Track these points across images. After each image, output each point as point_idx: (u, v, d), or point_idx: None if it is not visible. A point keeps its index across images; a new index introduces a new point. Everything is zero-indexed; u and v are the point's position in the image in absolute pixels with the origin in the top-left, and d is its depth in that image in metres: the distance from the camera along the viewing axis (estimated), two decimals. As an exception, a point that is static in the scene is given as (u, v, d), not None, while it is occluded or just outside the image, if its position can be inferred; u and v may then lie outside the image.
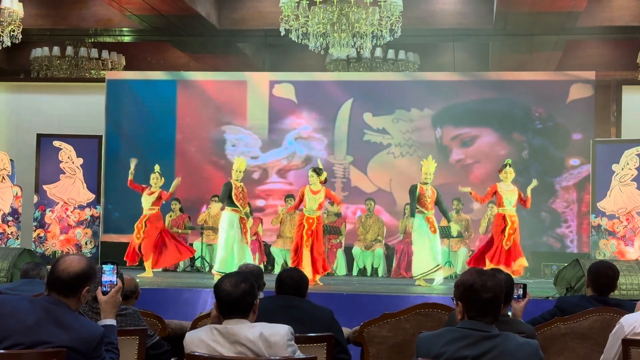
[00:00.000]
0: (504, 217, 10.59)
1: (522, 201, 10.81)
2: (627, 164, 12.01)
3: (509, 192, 10.68)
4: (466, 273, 3.39)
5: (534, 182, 11.10)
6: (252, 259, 10.93)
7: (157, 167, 11.56)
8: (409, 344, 4.80)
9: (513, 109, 14.20)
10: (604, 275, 5.17)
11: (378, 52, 14.90)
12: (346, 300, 8.64)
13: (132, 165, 11.56)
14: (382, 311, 5.14)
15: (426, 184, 10.74)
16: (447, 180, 13.69)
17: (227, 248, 10.56)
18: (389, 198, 14.23)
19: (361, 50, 12.51)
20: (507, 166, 10.78)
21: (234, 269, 9.88)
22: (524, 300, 4.55)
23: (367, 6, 10.53)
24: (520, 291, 4.54)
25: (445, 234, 12.32)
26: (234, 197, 10.64)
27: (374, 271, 13.07)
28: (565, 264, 9.56)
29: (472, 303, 3.28)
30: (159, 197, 11.40)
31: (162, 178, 11.47)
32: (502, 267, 9.72)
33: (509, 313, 4.41)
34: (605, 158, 12.23)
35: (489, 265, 10.15)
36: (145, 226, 11.32)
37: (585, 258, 10.55)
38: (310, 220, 10.51)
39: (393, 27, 10.63)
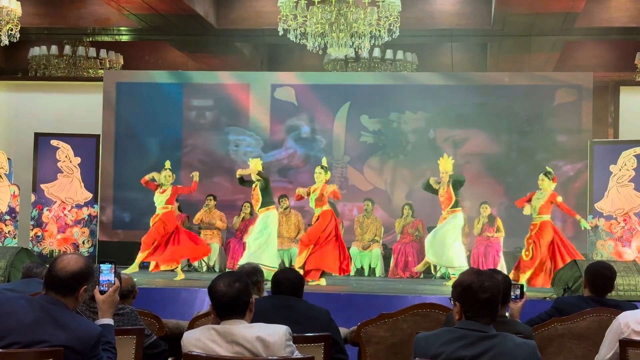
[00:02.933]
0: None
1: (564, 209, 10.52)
2: (625, 164, 12.02)
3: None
4: (464, 273, 3.39)
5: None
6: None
7: (167, 164, 11.18)
8: (406, 344, 4.80)
9: (503, 112, 14.39)
10: (602, 275, 5.17)
11: (376, 52, 14.92)
12: (343, 300, 8.64)
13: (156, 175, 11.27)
14: (379, 311, 5.14)
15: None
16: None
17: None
18: (385, 196, 14.40)
19: (359, 50, 12.50)
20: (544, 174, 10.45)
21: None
22: (521, 301, 4.55)
23: (365, 6, 10.53)
24: (518, 291, 4.55)
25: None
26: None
27: (372, 271, 13.06)
28: (563, 265, 9.56)
29: (470, 303, 3.29)
30: (174, 194, 11.01)
31: (174, 175, 11.08)
32: None
33: (507, 314, 4.41)
34: (602, 159, 12.25)
35: None
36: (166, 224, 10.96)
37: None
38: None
39: (391, 27, 10.63)
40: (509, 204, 14.05)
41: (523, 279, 9.86)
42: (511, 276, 9.99)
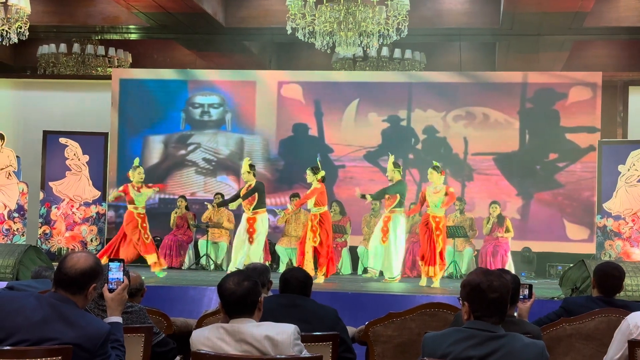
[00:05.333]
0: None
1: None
2: (634, 164, 11.98)
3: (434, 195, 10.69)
4: (472, 273, 3.39)
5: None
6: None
7: (136, 161, 11.12)
8: (414, 344, 4.80)
9: (514, 110, 14.28)
10: (610, 276, 5.15)
11: (384, 51, 14.91)
12: (351, 300, 8.65)
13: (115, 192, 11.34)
14: (387, 310, 5.15)
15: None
16: (452, 177, 14.04)
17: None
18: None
19: (368, 49, 12.50)
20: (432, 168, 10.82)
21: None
22: (530, 301, 4.55)
23: (373, 5, 10.53)
24: (526, 291, 4.54)
25: (450, 233, 12.32)
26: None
27: (379, 271, 13.03)
28: (571, 265, 9.55)
29: (479, 303, 3.28)
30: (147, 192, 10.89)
31: (143, 174, 10.93)
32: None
33: (515, 313, 4.41)
34: (611, 159, 12.21)
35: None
36: (146, 224, 10.75)
37: (591, 259, 10.54)
38: (312, 217, 10.76)
39: (400, 26, 10.62)
40: (521, 203, 14.03)
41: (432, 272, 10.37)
42: (426, 273, 10.52)
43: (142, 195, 10.81)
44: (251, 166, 10.95)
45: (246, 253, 10.73)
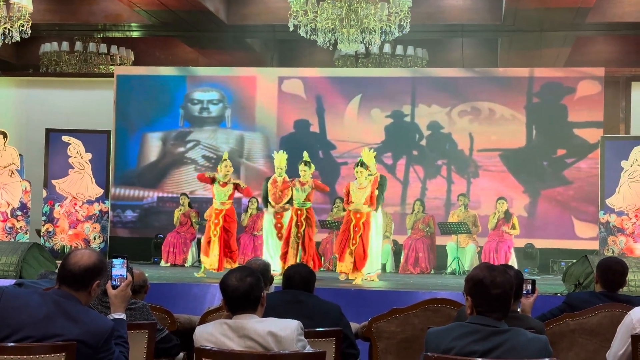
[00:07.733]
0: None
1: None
2: (636, 160, 11.95)
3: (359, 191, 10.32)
4: (476, 268, 3.39)
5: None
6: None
7: (225, 154, 11.00)
8: (417, 339, 4.80)
9: (520, 104, 14.22)
10: (614, 271, 5.15)
11: (387, 47, 14.89)
12: (354, 296, 8.65)
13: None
14: (390, 306, 5.15)
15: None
16: (459, 173, 14.06)
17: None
18: (397, 192, 14.32)
19: (370, 46, 12.48)
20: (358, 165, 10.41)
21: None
22: (533, 296, 4.55)
23: (375, 2, 10.53)
24: (529, 287, 4.54)
25: (453, 229, 12.32)
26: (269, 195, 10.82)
27: (382, 267, 13.04)
28: (574, 260, 9.54)
29: (482, 298, 3.28)
30: (234, 190, 10.69)
31: (232, 167, 10.81)
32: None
33: (518, 309, 4.41)
34: (614, 154, 12.18)
35: None
36: (224, 221, 10.60)
37: (594, 255, 10.52)
38: (299, 212, 10.60)
39: (402, 23, 10.62)
40: (528, 201, 13.99)
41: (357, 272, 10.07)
42: (344, 269, 10.19)
43: (225, 190, 10.68)
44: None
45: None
